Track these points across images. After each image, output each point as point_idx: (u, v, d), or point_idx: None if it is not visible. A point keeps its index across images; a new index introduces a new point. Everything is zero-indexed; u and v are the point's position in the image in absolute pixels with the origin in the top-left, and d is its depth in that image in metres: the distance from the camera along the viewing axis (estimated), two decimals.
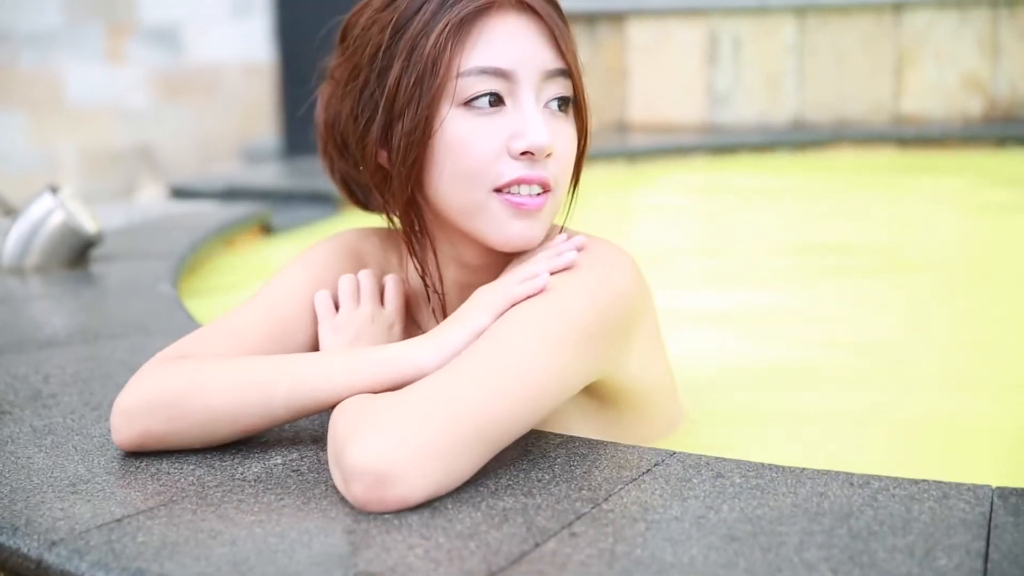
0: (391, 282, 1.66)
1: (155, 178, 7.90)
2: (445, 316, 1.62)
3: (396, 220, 1.59)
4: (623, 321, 1.48)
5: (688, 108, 6.53)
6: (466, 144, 1.45)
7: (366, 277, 1.65)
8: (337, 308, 1.62)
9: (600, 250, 1.52)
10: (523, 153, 1.44)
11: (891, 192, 4.93)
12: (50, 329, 2.33)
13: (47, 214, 3.01)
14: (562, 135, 1.49)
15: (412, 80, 1.45)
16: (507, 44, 1.45)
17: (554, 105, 1.48)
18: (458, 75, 1.44)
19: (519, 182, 1.45)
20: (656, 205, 4.95)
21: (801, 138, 5.99)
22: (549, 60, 1.47)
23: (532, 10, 1.47)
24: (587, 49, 6.38)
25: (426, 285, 1.59)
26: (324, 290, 1.62)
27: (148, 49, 8.06)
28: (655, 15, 6.45)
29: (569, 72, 1.49)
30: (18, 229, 3.01)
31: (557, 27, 1.48)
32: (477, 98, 1.45)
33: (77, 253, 3.04)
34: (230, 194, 4.77)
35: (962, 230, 4.04)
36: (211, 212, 4.06)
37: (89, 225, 3.06)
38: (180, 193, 4.99)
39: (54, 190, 3.07)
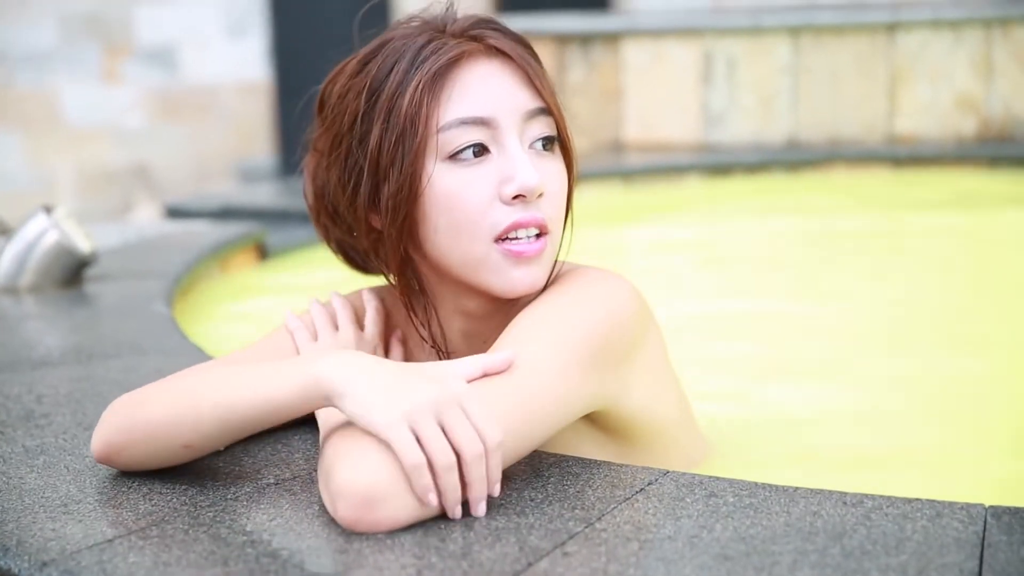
0: (371, 307, 1.66)
1: (151, 197, 7.90)
2: None
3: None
4: (619, 346, 1.47)
5: (683, 127, 6.54)
6: (456, 197, 1.45)
7: (341, 306, 1.65)
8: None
9: (594, 276, 1.52)
10: (515, 197, 1.44)
11: (884, 213, 4.94)
12: (43, 349, 2.33)
13: (41, 234, 3.00)
14: (551, 174, 1.48)
15: (393, 140, 1.45)
16: (483, 91, 1.45)
17: (539, 145, 1.48)
18: (438, 130, 1.44)
19: (516, 227, 1.44)
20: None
21: (795, 157, 6.00)
22: (527, 101, 1.47)
23: (503, 54, 1.47)
24: (582, 69, 6.39)
25: (434, 344, 1.58)
26: (298, 321, 1.63)
27: (144, 69, 8.07)
28: (650, 35, 6.46)
29: (549, 110, 1.48)
30: (12, 249, 3.01)
31: (531, 67, 1.48)
32: (461, 150, 1.44)
33: (71, 273, 3.04)
34: (225, 213, 4.76)
35: (954, 251, 4.04)
36: (206, 232, 4.05)
37: (83, 245, 3.06)
38: (175, 213, 4.98)
39: (48, 210, 3.07)
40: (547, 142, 1.49)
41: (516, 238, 1.45)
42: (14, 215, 3.89)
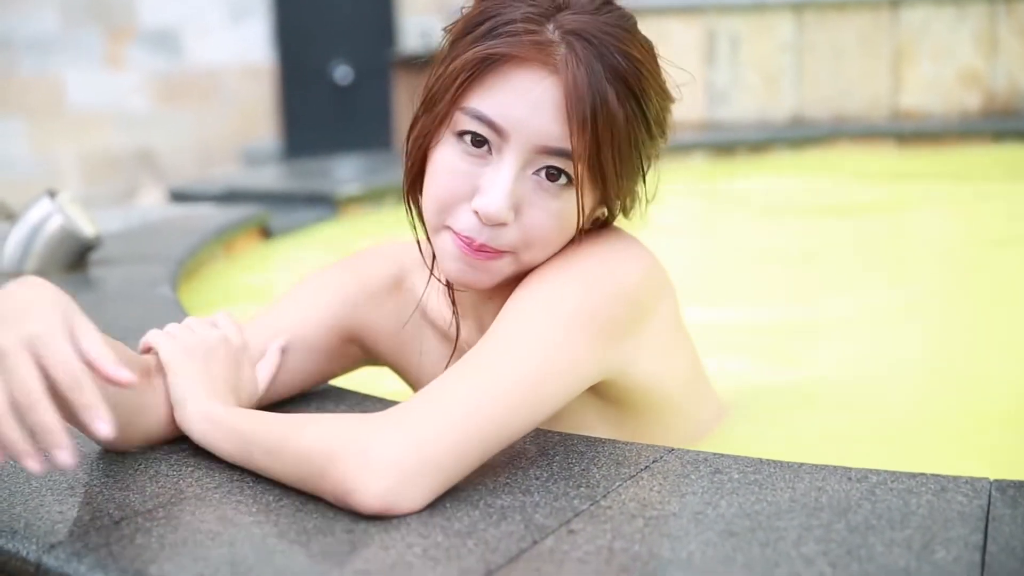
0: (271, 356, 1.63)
1: (156, 181, 7.91)
2: (455, 321, 1.62)
3: None
4: (625, 319, 1.45)
5: (687, 106, 6.53)
6: (442, 173, 1.42)
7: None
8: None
9: (608, 244, 1.49)
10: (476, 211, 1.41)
11: (889, 188, 4.93)
12: None
13: (45, 218, 3.01)
14: (541, 208, 1.41)
15: (438, 88, 1.42)
16: (515, 102, 1.37)
17: (544, 175, 1.40)
18: (461, 108, 1.40)
19: (461, 236, 1.42)
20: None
21: (800, 135, 5.99)
22: (552, 137, 1.38)
23: (565, 78, 1.37)
24: None
25: (432, 274, 1.58)
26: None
27: (147, 53, 8.07)
28: (653, 14, 6.45)
29: (571, 155, 1.38)
30: (17, 234, 3.01)
31: (580, 109, 1.36)
32: (465, 134, 1.40)
33: (76, 257, 3.04)
34: (229, 197, 4.77)
35: (958, 225, 4.04)
36: (210, 215, 4.06)
37: (87, 229, 3.06)
38: (179, 196, 4.99)
39: (52, 194, 3.08)
40: (556, 174, 1.41)
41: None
42: (19, 201, 3.90)
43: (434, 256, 1.55)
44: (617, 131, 1.39)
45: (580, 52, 1.37)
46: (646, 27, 1.51)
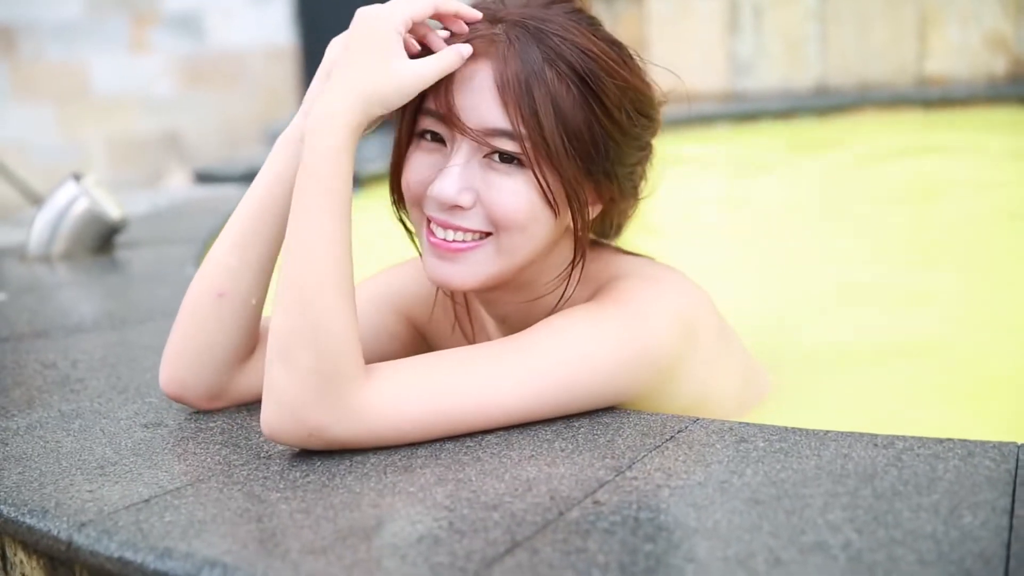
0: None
1: (182, 164, 7.93)
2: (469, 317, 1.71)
3: None
4: (639, 376, 1.46)
5: (710, 77, 6.49)
6: (410, 170, 1.48)
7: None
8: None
9: (642, 295, 1.49)
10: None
11: (916, 157, 4.89)
12: (77, 315, 2.34)
13: (71, 201, 3.02)
14: (500, 188, 1.42)
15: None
16: (458, 93, 1.42)
17: (496, 158, 1.43)
18: (420, 110, 1.46)
19: (431, 220, 1.46)
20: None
21: (825, 103, 5.94)
22: (492, 119, 1.41)
23: (500, 62, 1.41)
24: (606, 22, 6.33)
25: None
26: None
27: (171, 37, 8.08)
28: None
29: (513, 135, 1.40)
30: (43, 217, 3.03)
31: (513, 87, 1.40)
32: (424, 133, 1.47)
33: (102, 239, 3.06)
34: (254, 177, 4.78)
35: (985, 193, 4.00)
36: (234, 196, 4.05)
37: (113, 211, 3.08)
38: (205, 178, 5.00)
39: (77, 177, 3.09)
40: (506, 157, 1.43)
41: (434, 231, 1.46)
42: (48, 186, 3.92)
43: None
44: (561, 109, 1.41)
45: (517, 38, 1.41)
46: None
